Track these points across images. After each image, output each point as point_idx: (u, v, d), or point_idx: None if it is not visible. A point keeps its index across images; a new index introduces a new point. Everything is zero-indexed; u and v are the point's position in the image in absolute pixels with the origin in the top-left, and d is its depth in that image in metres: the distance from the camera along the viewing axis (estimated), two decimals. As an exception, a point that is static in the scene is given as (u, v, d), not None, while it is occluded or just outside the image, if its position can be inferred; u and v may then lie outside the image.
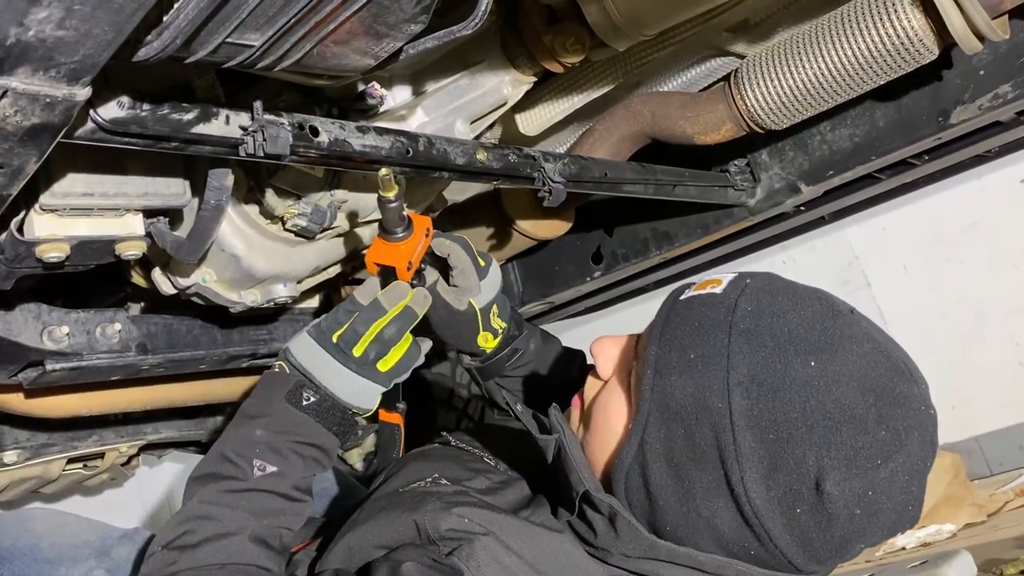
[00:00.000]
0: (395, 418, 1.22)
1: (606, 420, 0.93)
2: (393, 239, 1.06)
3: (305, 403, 1.00)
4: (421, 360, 1.08)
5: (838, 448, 0.78)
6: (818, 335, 0.82)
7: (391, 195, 1.01)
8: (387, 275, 1.07)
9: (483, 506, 0.93)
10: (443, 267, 1.16)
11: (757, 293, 0.87)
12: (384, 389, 1.05)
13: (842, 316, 0.85)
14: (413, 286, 1.07)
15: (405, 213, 1.05)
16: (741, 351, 0.82)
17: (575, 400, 1.03)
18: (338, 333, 1.01)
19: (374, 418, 1.14)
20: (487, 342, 1.22)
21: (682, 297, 0.92)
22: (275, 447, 0.97)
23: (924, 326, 2.17)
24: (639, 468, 0.87)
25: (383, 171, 0.99)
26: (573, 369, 1.33)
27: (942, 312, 2.16)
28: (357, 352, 1.01)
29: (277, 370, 1.04)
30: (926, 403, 0.83)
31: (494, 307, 1.21)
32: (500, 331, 1.22)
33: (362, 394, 1.03)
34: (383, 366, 1.02)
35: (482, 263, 1.18)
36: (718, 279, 0.91)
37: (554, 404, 0.97)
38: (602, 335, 1.01)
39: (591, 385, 1.00)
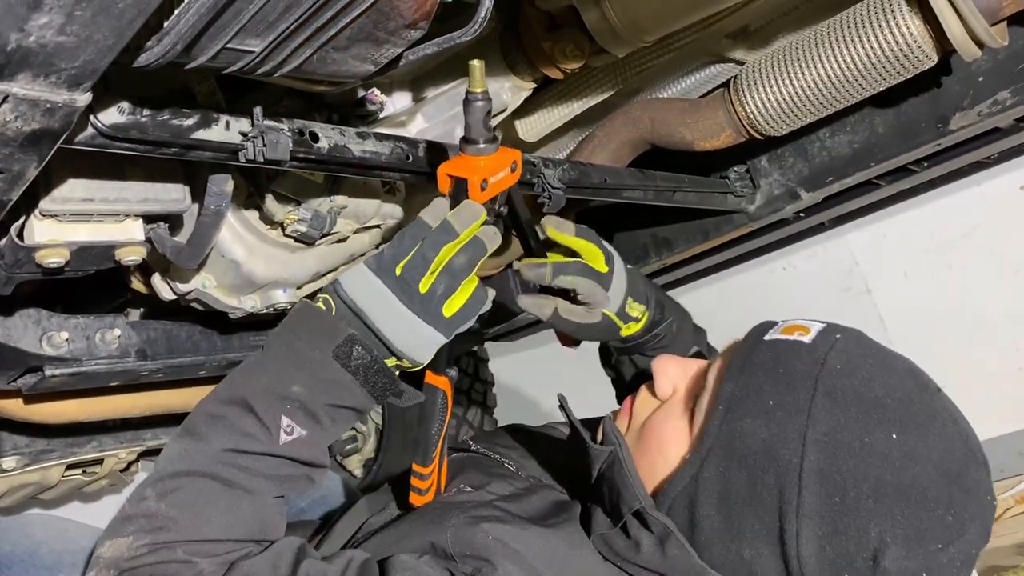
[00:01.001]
0: (443, 383, 1.01)
1: (660, 443, 0.92)
2: (472, 150, 0.90)
3: (355, 363, 0.87)
4: (487, 306, 0.93)
5: (903, 526, 0.77)
6: (904, 408, 0.81)
7: (479, 90, 0.86)
8: (458, 195, 0.92)
9: (508, 520, 0.91)
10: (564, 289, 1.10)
11: (848, 352, 0.86)
12: (445, 340, 0.90)
13: (929, 393, 0.84)
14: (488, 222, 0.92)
15: (492, 123, 0.91)
16: (824, 409, 0.81)
17: (625, 407, 1.01)
18: (403, 263, 0.87)
19: (417, 382, 0.99)
20: (631, 329, 1.16)
21: (766, 338, 0.90)
22: (310, 408, 0.86)
23: (924, 332, 2.17)
24: (687, 499, 0.86)
25: (475, 61, 0.86)
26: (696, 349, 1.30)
27: (942, 318, 2.16)
28: (423, 287, 0.86)
29: (322, 306, 0.89)
30: (991, 493, 0.83)
31: (628, 299, 1.13)
32: (642, 316, 1.16)
33: (420, 344, 0.89)
34: (448, 309, 0.88)
35: (604, 269, 1.09)
36: (806, 327, 0.90)
37: (608, 415, 0.95)
38: (666, 354, 1.00)
39: (646, 401, 0.98)
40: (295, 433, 0.85)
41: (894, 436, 0.79)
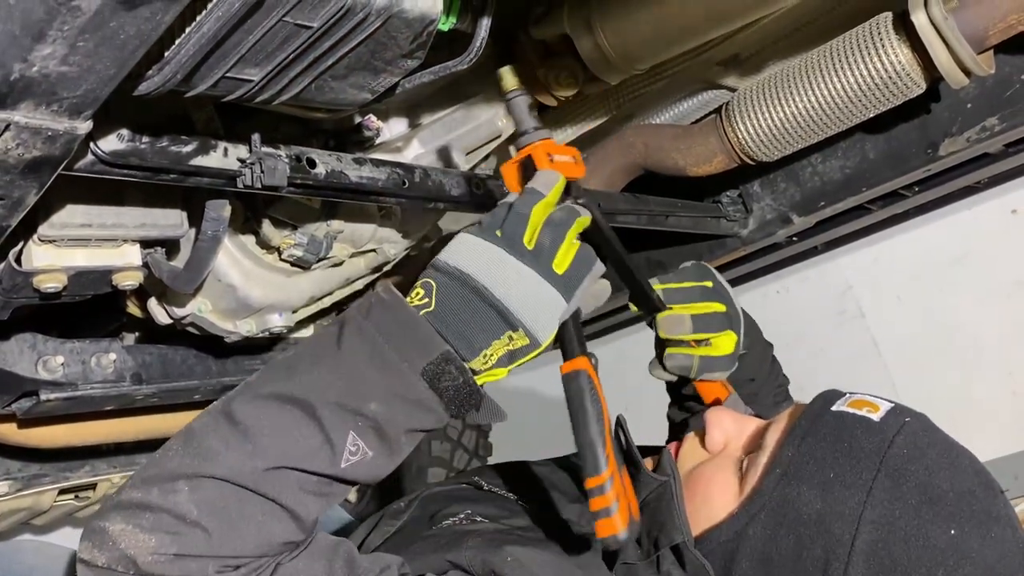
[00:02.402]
0: (583, 364, 0.83)
1: (706, 493, 0.91)
2: (526, 140, 0.89)
3: (445, 383, 0.76)
4: (599, 266, 0.83)
5: None
6: (966, 505, 0.81)
7: (513, 88, 0.89)
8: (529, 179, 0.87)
9: (527, 543, 0.89)
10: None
11: (916, 438, 0.85)
12: (564, 303, 0.79)
13: (992, 493, 0.84)
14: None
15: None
16: (885, 491, 0.81)
17: (671, 450, 1.00)
18: (502, 225, 0.78)
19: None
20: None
21: (833, 408, 0.89)
22: (385, 431, 0.75)
23: (918, 356, 2.18)
24: (727, 552, 0.86)
25: (501, 68, 0.89)
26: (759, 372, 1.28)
27: (936, 342, 2.17)
28: (528, 241, 0.77)
29: (421, 293, 0.77)
30: None
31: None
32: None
33: (540, 306, 0.77)
34: (559, 266, 0.78)
35: (733, 347, 1.12)
36: (875, 404, 0.89)
37: (667, 448, 0.95)
38: (721, 407, 1.00)
39: (694, 450, 0.98)
40: (360, 454, 0.75)
41: (952, 532, 0.78)
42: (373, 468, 0.76)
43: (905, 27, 1.22)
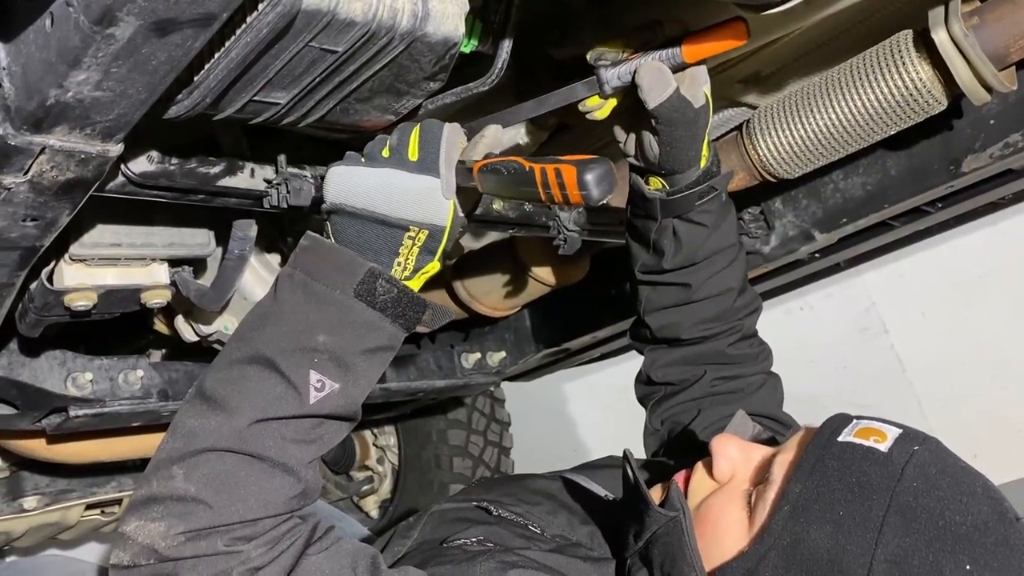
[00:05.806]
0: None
1: (716, 530, 0.89)
2: None
3: (381, 299, 0.82)
4: (447, 127, 0.85)
5: None
6: (980, 537, 0.78)
7: None
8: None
9: (539, 568, 0.89)
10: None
11: (926, 467, 0.82)
12: (436, 180, 0.83)
13: (1007, 522, 0.81)
14: None
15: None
16: (896, 528, 0.79)
17: (679, 482, 0.98)
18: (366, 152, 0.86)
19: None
20: (703, 156, 1.07)
21: (840, 439, 0.86)
22: (340, 358, 0.81)
23: (943, 373, 2.16)
24: None
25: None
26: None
27: (961, 359, 2.15)
28: (385, 152, 0.84)
29: (311, 244, 0.82)
30: None
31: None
32: (706, 154, 1.08)
33: (416, 195, 0.82)
34: (412, 154, 0.83)
35: None
36: (883, 432, 0.86)
37: (674, 480, 0.94)
38: (727, 434, 0.96)
39: (703, 481, 0.95)
40: (326, 388, 0.80)
41: (967, 567, 0.76)
42: (344, 398, 0.82)
43: (926, 44, 1.22)
